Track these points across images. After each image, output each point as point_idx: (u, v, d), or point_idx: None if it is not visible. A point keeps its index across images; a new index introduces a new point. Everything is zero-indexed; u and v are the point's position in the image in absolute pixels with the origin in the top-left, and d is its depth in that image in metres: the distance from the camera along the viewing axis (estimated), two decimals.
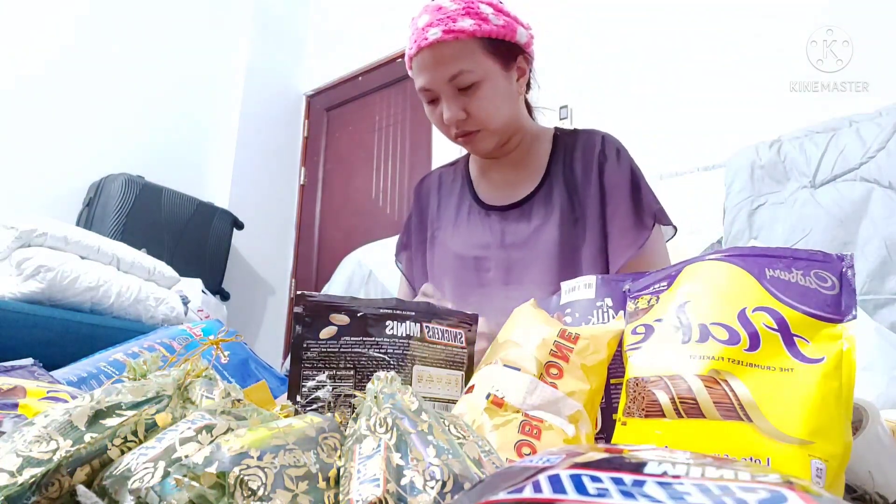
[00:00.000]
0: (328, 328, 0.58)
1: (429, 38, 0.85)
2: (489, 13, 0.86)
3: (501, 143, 0.95)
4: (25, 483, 0.32)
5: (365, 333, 0.58)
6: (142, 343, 0.84)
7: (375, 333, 0.59)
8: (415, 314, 0.61)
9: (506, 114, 0.92)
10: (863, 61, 1.69)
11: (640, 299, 0.55)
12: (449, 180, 1.09)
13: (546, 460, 0.26)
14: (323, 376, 0.56)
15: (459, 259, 0.97)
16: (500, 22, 0.87)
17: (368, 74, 3.20)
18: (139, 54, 2.81)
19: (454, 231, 1.01)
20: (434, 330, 0.62)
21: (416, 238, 1.10)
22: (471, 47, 0.86)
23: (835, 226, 1.43)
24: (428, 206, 1.10)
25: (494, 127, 0.91)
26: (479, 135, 0.91)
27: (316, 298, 0.59)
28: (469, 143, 0.93)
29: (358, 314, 0.59)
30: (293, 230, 3.33)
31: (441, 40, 0.84)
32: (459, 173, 1.09)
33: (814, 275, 0.45)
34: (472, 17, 0.85)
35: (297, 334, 0.57)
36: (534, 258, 0.92)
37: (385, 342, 0.59)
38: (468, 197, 1.04)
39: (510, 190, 1.00)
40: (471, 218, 1.01)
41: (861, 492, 0.46)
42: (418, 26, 0.88)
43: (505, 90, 0.90)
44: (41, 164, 2.42)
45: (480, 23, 0.85)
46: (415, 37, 0.88)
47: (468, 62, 0.85)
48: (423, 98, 0.92)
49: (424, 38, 0.86)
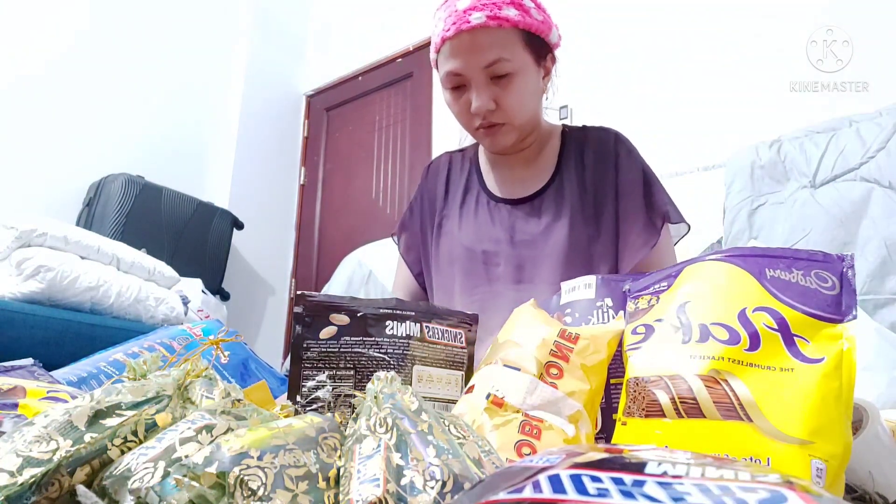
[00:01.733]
0: (328, 328, 0.58)
1: (472, 22, 0.83)
2: (531, 7, 0.86)
3: (521, 139, 0.94)
4: (25, 483, 0.32)
5: (365, 333, 0.58)
6: (142, 343, 0.84)
7: (375, 333, 0.59)
8: (415, 314, 0.61)
9: (531, 109, 0.91)
10: (863, 61, 1.69)
11: (641, 299, 0.55)
12: (458, 166, 1.07)
13: (546, 460, 0.26)
14: (323, 376, 0.56)
15: (468, 251, 0.96)
16: (540, 18, 0.87)
17: (368, 74, 3.20)
18: (139, 54, 2.81)
19: (462, 221, 1.00)
20: (434, 330, 0.62)
21: (423, 222, 1.07)
22: (512, 37, 0.84)
23: (835, 226, 1.43)
24: (436, 189, 1.07)
25: (520, 122, 0.90)
26: (503, 128, 0.90)
27: (316, 298, 0.59)
28: (490, 135, 0.91)
29: (358, 314, 0.59)
30: (293, 230, 3.33)
31: (485, 25, 0.83)
32: (469, 161, 1.07)
33: (814, 275, 0.45)
34: (517, 7, 0.84)
35: (296, 334, 0.57)
36: (545, 257, 0.91)
37: (385, 342, 0.59)
38: (476, 185, 1.02)
39: (520, 185, 0.98)
40: (479, 208, 0.99)
41: (861, 492, 0.46)
42: (458, 8, 0.85)
43: (534, 86, 0.90)
44: (41, 164, 2.42)
45: (524, 14, 0.84)
46: (453, 18, 0.85)
47: (508, 51, 0.84)
48: (449, 83, 0.89)
49: (466, 20, 0.83)
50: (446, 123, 2.59)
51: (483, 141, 0.95)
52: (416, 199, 1.11)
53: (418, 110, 2.95)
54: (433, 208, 1.06)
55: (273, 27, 3.37)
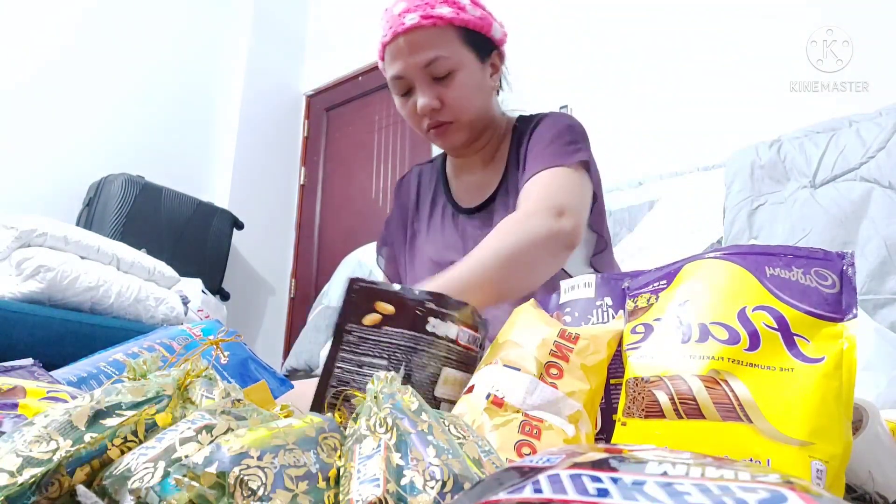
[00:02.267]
0: (372, 315, 0.58)
1: (406, 24, 0.83)
2: (466, 3, 0.86)
3: (473, 138, 0.94)
4: (25, 483, 0.32)
5: (407, 327, 0.58)
6: (142, 343, 0.84)
7: (416, 328, 0.58)
8: (456, 316, 0.60)
9: (479, 106, 0.91)
10: (863, 61, 1.69)
11: (640, 297, 0.55)
12: (427, 179, 1.08)
13: (546, 460, 0.26)
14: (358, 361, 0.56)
15: (435, 265, 0.95)
16: (477, 13, 0.87)
17: (368, 74, 3.20)
18: (139, 54, 2.81)
19: (429, 234, 1.00)
20: (464, 333, 0.61)
21: (398, 237, 1.08)
22: (448, 34, 0.85)
23: (835, 226, 1.43)
24: (407, 204, 1.08)
25: (467, 118, 0.89)
26: (451, 126, 0.89)
27: (366, 284, 0.58)
28: (441, 135, 0.91)
29: (404, 306, 0.58)
30: (293, 230, 3.33)
31: (419, 25, 0.83)
32: (436, 171, 1.07)
33: (814, 273, 0.45)
34: (450, 5, 0.84)
35: (341, 315, 0.57)
36: None
37: (424, 339, 0.58)
38: (442, 197, 1.02)
39: (478, 191, 0.98)
40: (444, 220, 0.99)
41: (861, 492, 0.46)
42: (394, 13, 0.86)
43: (479, 82, 0.89)
44: (41, 164, 2.42)
45: (458, 11, 0.85)
46: (390, 23, 0.86)
47: (445, 49, 0.84)
48: (396, 89, 0.90)
49: (401, 23, 0.84)
50: None
51: (436, 142, 0.95)
52: (391, 215, 1.11)
53: None
54: (405, 223, 1.07)
55: (273, 27, 3.37)
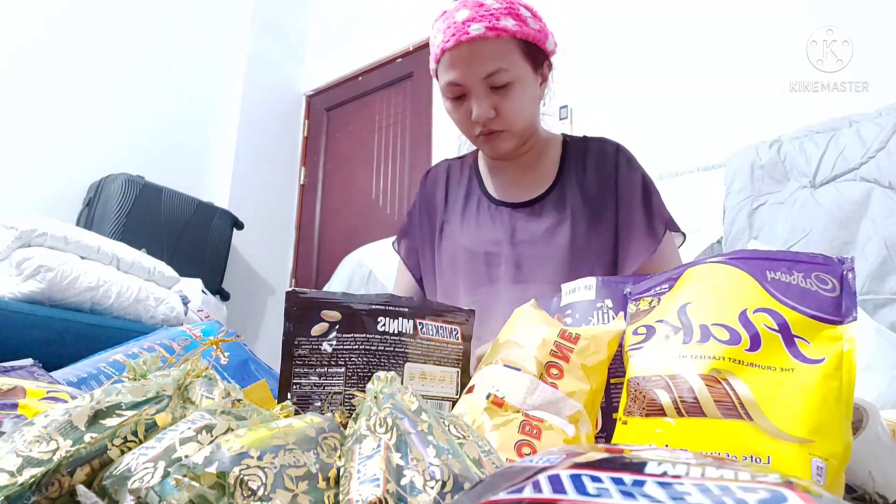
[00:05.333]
0: (319, 325, 0.58)
1: (471, 33, 0.84)
2: (528, 16, 0.87)
3: (520, 145, 0.96)
4: (25, 483, 0.32)
5: (356, 330, 0.58)
6: (141, 344, 0.84)
7: (367, 330, 0.58)
8: (408, 310, 0.61)
9: (529, 117, 0.93)
10: (863, 61, 1.69)
11: (642, 301, 0.55)
12: (457, 173, 1.09)
13: (546, 460, 0.26)
14: (314, 374, 0.56)
15: (470, 254, 0.97)
16: (537, 27, 0.88)
17: (368, 74, 3.20)
18: (139, 54, 2.81)
19: (463, 225, 1.01)
20: (427, 326, 0.61)
21: (422, 228, 1.09)
22: (510, 47, 0.86)
23: (835, 226, 1.43)
24: (435, 196, 1.09)
25: (518, 128, 0.92)
26: (502, 135, 0.91)
27: (307, 294, 0.59)
28: (490, 142, 0.93)
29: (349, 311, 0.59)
30: (293, 230, 3.33)
31: (483, 36, 0.84)
32: (468, 167, 1.09)
33: (814, 277, 0.45)
34: (514, 17, 0.86)
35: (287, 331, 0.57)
36: (546, 257, 0.92)
37: (376, 339, 0.58)
38: (477, 190, 1.04)
39: (520, 190, 1.00)
40: (480, 212, 1.01)
41: (861, 492, 0.46)
42: (457, 20, 0.86)
43: (532, 94, 0.92)
44: (41, 164, 2.42)
45: (521, 24, 0.86)
46: (453, 30, 0.86)
47: (506, 61, 0.86)
48: (449, 93, 0.91)
49: (465, 32, 0.84)
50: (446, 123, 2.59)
51: (483, 147, 0.97)
52: (414, 206, 1.12)
53: (418, 110, 2.95)
54: (433, 214, 1.07)
55: (273, 27, 3.37)
